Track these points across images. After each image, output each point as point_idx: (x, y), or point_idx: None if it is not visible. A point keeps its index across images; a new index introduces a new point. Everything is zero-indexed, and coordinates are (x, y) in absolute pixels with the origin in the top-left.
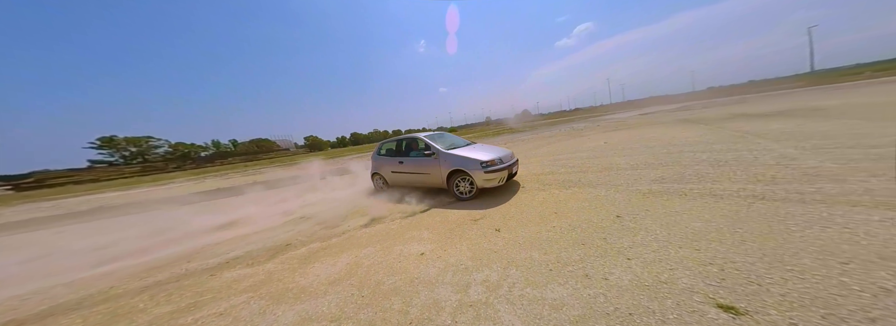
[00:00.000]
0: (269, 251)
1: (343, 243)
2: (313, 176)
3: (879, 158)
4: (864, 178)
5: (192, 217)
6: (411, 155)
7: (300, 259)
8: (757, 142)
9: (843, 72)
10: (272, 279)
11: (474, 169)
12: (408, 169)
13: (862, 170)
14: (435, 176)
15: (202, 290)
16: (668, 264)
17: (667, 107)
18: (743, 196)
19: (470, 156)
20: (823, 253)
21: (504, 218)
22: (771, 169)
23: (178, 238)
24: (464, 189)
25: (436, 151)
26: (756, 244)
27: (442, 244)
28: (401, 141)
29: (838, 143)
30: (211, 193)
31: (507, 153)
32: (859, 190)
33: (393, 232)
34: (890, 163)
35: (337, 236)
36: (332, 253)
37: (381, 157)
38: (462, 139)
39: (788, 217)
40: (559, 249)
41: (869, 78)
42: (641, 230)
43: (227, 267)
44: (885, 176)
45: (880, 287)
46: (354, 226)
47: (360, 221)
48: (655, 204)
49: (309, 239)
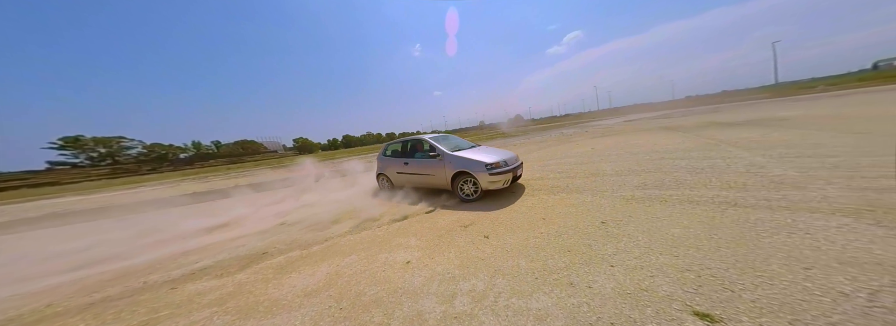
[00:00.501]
0: (243, 260)
1: (325, 251)
2: (303, 179)
3: (834, 167)
4: (821, 186)
5: (174, 222)
6: (416, 156)
7: (276, 268)
8: (729, 150)
9: (801, 85)
10: (242, 291)
11: (479, 171)
12: (413, 171)
13: (820, 179)
14: (439, 177)
15: (159, 306)
16: (649, 271)
17: (649, 114)
18: (717, 202)
19: (474, 157)
20: (789, 258)
21: (493, 224)
22: (742, 177)
23: (155, 243)
24: (468, 190)
25: (440, 153)
26: (729, 250)
27: (429, 251)
28: (406, 142)
29: (799, 153)
30: (194, 196)
31: (512, 155)
32: (818, 197)
33: (379, 239)
34: (842, 172)
35: (319, 243)
36: (311, 261)
37: (386, 158)
38: (466, 141)
39: (758, 223)
40: (546, 256)
41: (822, 91)
42: (624, 236)
43: (191, 279)
44: (838, 184)
45: (839, 292)
46: (340, 232)
47: (348, 226)
48: (638, 210)
49: (288, 246)
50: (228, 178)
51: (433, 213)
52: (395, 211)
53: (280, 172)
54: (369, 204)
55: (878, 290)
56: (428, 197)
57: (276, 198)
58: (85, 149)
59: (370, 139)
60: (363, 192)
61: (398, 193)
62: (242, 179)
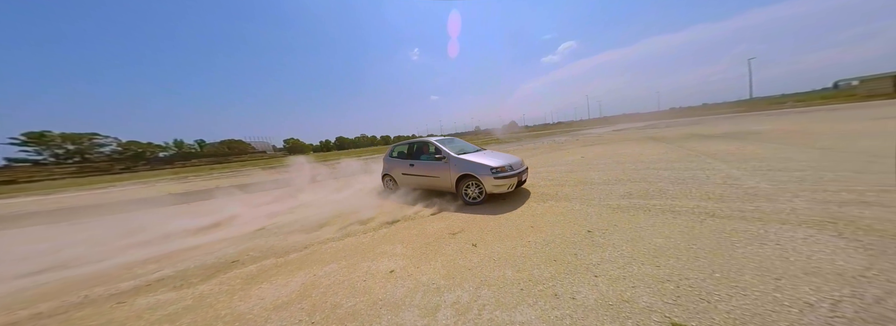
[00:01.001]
0: (209, 269)
1: (303, 259)
2: (293, 179)
3: (801, 181)
4: (790, 198)
5: (145, 226)
6: (422, 158)
7: (245, 278)
8: (708, 162)
9: (772, 100)
10: (202, 304)
11: (484, 174)
12: (418, 172)
13: (788, 191)
14: (444, 179)
15: (98, 324)
16: (631, 281)
17: (636, 124)
18: (697, 212)
19: (480, 161)
20: (761, 269)
21: (482, 232)
22: (719, 188)
23: (112, 251)
24: (472, 193)
25: (446, 156)
26: (707, 260)
27: (415, 260)
28: (412, 144)
29: (770, 166)
30: (171, 197)
31: (517, 160)
32: (787, 209)
33: (364, 246)
34: (808, 186)
35: (298, 250)
36: (286, 270)
37: (392, 159)
38: (472, 145)
39: (733, 233)
40: (532, 266)
41: (791, 107)
42: (609, 246)
43: (144, 292)
44: (804, 197)
45: (805, 302)
46: (322, 238)
47: (333, 231)
48: (623, 219)
49: (263, 254)
50: (210, 179)
51: (426, 218)
52: (388, 215)
53: (268, 173)
54: (363, 206)
55: (840, 300)
56: (425, 200)
57: (263, 200)
58: (50, 145)
59: (364, 141)
60: (358, 193)
61: (394, 195)
62: (226, 180)
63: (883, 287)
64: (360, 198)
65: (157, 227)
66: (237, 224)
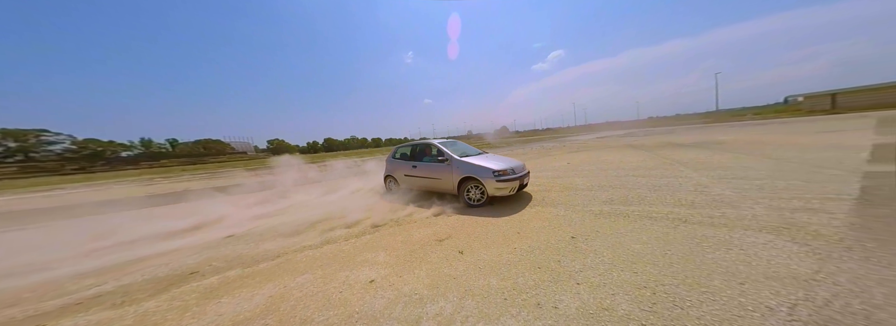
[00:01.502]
0: (160, 283)
1: (274, 268)
2: (273, 183)
3: (759, 188)
4: (751, 205)
5: (112, 228)
6: (424, 160)
7: (203, 292)
8: (681, 170)
9: (734, 112)
10: (144, 324)
11: (486, 177)
12: (420, 174)
13: (750, 199)
14: (446, 181)
15: None
16: (611, 289)
17: (617, 132)
18: (671, 219)
19: (483, 164)
20: (728, 274)
21: (469, 239)
22: (691, 195)
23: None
24: (474, 196)
25: (449, 158)
26: (680, 266)
27: (398, 268)
28: (415, 146)
29: (734, 174)
30: (132, 201)
31: (519, 164)
32: (749, 215)
33: (344, 254)
34: (766, 193)
35: (270, 259)
36: (253, 282)
37: (395, 161)
38: (474, 148)
39: (704, 239)
40: (517, 274)
41: (750, 119)
42: (591, 252)
43: (74, 311)
44: (763, 204)
45: (766, 307)
46: (298, 246)
47: (312, 237)
48: (605, 225)
49: (229, 263)
50: (180, 181)
51: (414, 223)
52: (376, 219)
53: (248, 175)
54: (351, 209)
55: (796, 304)
56: (417, 202)
57: (241, 204)
58: None
59: (354, 143)
60: (348, 196)
61: (387, 198)
62: (196, 182)
63: (830, 289)
64: (350, 201)
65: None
66: (207, 230)
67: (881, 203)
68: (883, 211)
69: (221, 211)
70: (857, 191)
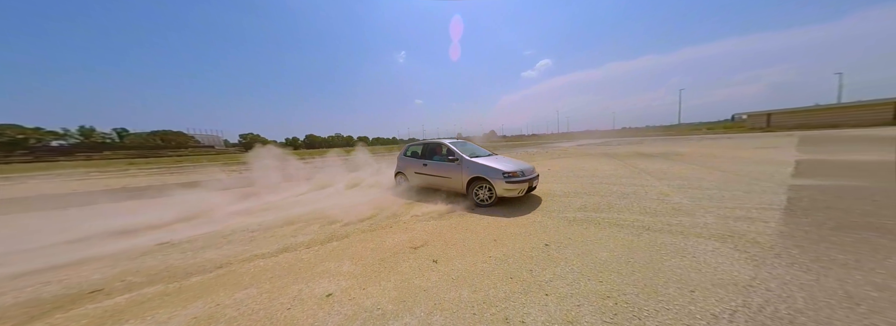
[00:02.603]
0: (39, 306)
1: (209, 283)
2: (242, 181)
3: (710, 198)
4: (703, 214)
5: None
6: (434, 158)
7: (99, 316)
8: (647, 179)
9: (692, 127)
10: None
11: (496, 178)
12: (430, 172)
13: (702, 207)
14: (455, 180)
15: None
16: (577, 300)
17: (595, 140)
18: (636, 226)
19: (493, 165)
20: (680, 281)
21: (446, 246)
22: (654, 203)
23: None
24: (483, 196)
25: (459, 158)
26: (640, 274)
27: (363, 279)
28: (426, 145)
29: (690, 184)
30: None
31: (529, 167)
32: (701, 223)
33: (301, 264)
34: (715, 203)
35: (207, 271)
36: (177, 300)
37: (406, 158)
38: (483, 149)
39: (662, 247)
40: (489, 285)
41: (704, 133)
42: (562, 260)
43: None
44: (713, 213)
45: (711, 314)
46: (247, 255)
47: (269, 244)
48: (576, 232)
49: (151, 278)
50: (123, 175)
51: (387, 229)
52: (360, 222)
53: (212, 171)
54: (334, 208)
55: (736, 310)
56: (416, 203)
57: (195, 206)
58: None
59: (339, 141)
60: (333, 194)
61: (391, 192)
62: (145, 178)
63: (763, 295)
64: (331, 200)
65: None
66: (137, 236)
67: (802, 213)
68: (804, 220)
69: (169, 212)
70: (785, 202)
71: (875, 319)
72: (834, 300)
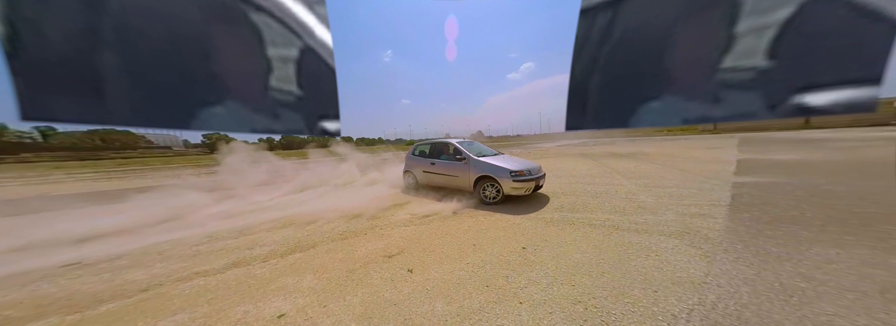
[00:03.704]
0: None
1: (125, 310)
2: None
3: (670, 196)
4: (664, 212)
5: None
6: (442, 158)
7: None
8: (617, 178)
9: (657, 128)
10: None
11: (503, 176)
12: (438, 171)
13: (664, 206)
14: (463, 179)
15: None
16: (550, 306)
17: (574, 141)
18: (607, 226)
19: (500, 164)
20: (645, 282)
21: (424, 253)
22: (623, 202)
23: None
24: (490, 194)
25: (466, 157)
26: (610, 276)
27: (325, 296)
28: (434, 144)
29: (654, 183)
30: None
31: (536, 166)
32: (664, 221)
33: (253, 281)
34: (674, 201)
35: (124, 297)
36: None
37: (415, 157)
38: (490, 149)
39: (630, 246)
40: (465, 295)
41: (665, 135)
42: (538, 264)
43: None
44: (673, 210)
45: (672, 314)
46: (185, 274)
47: (212, 261)
48: (552, 233)
49: (37, 310)
50: (39, 183)
51: (360, 237)
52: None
53: (158, 178)
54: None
55: (692, 309)
56: (406, 202)
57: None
58: None
59: (321, 140)
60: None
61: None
62: (63, 186)
63: (715, 291)
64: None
65: None
66: (45, 255)
67: (743, 208)
68: (745, 215)
69: (90, 224)
70: (730, 199)
71: (805, 310)
72: (772, 293)
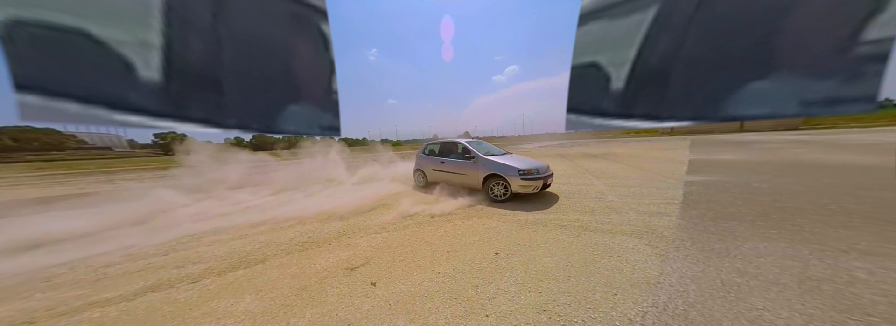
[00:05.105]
0: None
1: None
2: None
3: (633, 195)
4: (628, 211)
5: None
6: (451, 156)
7: None
8: (589, 178)
9: (625, 131)
10: None
11: (511, 175)
12: (448, 169)
13: (627, 205)
14: (472, 177)
15: None
16: (516, 317)
17: (553, 142)
18: (576, 227)
19: (508, 163)
20: (607, 285)
21: (393, 263)
22: (592, 202)
23: None
24: (498, 192)
25: (475, 156)
26: (575, 280)
27: (265, 319)
28: (444, 144)
29: (620, 183)
30: None
31: (544, 165)
32: (627, 220)
33: (169, 308)
34: (636, 200)
35: None
36: None
37: (425, 156)
38: (498, 148)
39: (595, 247)
40: (430, 310)
41: (631, 136)
42: (509, 271)
43: None
44: (635, 210)
45: (628, 318)
46: (76, 305)
47: (122, 285)
48: (525, 236)
49: None
50: None
51: (330, 246)
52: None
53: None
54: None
55: (647, 311)
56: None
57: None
58: None
59: (296, 141)
60: None
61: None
62: None
63: (667, 291)
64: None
65: None
66: None
67: (693, 206)
68: (694, 212)
69: None
70: (682, 197)
71: (740, 306)
72: (714, 289)
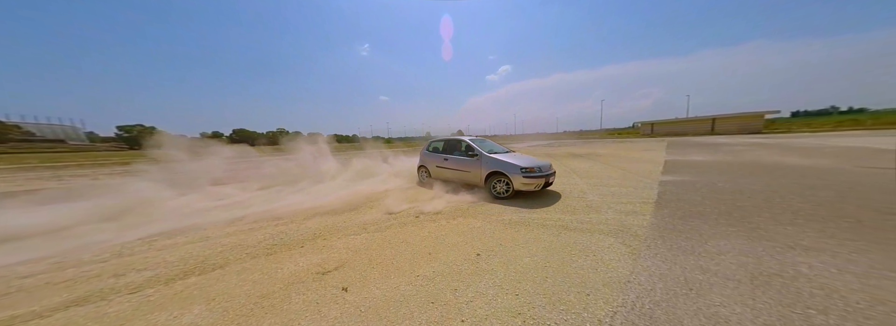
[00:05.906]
0: None
1: None
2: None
3: (612, 194)
4: (606, 210)
5: None
6: (455, 154)
7: None
8: (573, 178)
9: (609, 132)
10: None
11: (514, 172)
12: (451, 166)
13: (606, 204)
14: (474, 174)
15: None
16: (490, 322)
17: (542, 142)
18: (558, 226)
19: (510, 161)
20: (581, 285)
21: (369, 266)
22: (574, 201)
23: None
24: (500, 189)
25: (479, 153)
26: (552, 281)
27: None
28: (447, 141)
29: (601, 182)
30: None
31: (546, 164)
32: (604, 219)
33: (95, 324)
34: (615, 199)
35: None
36: None
37: (428, 153)
38: (501, 146)
39: (574, 247)
40: (404, 316)
41: (614, 138)
42: (488, 272)
43: None
44: (613, 209)
45: (598, 319)
46: (3, 317)
47: (50, 294)
48: (508, 236)
49: None
50: None
51: (302, 248)
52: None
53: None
54: None
55: (616, 311)
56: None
57: None
58: None
59: (283, 137)
60: None
61: None
62: None
63: (635, 290)
64: None
65: None
66: None
67: (664, 205)
68: (665, 211)
69: None
70: (656, 196)
71: (700, 303)
72: (678, 287)
